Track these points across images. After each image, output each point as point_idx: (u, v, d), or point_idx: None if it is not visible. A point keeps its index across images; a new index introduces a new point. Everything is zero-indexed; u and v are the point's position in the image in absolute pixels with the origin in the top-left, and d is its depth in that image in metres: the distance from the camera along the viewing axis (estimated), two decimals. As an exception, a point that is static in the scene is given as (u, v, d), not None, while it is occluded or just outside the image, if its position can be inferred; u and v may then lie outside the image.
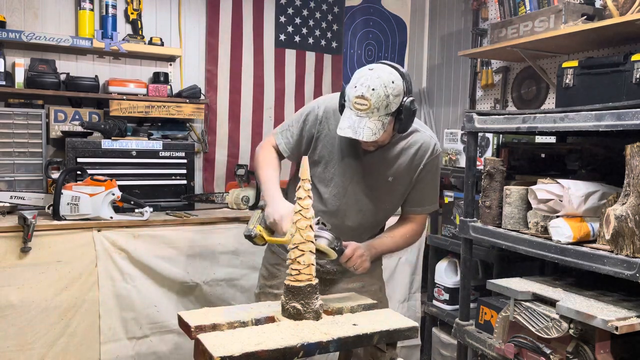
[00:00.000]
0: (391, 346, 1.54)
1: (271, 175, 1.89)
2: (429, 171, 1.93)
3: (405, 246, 2.04)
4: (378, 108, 1.66)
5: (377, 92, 1.64)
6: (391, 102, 1.67)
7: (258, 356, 1.30)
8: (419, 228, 2.01)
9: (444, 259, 3.08)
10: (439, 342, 3.13)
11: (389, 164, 1.89)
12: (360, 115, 1.67)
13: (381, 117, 1.67)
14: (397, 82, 1.68)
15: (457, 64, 3.79)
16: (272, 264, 2.11)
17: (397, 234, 1.98)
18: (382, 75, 1.67)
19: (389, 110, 1.68)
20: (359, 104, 1.66)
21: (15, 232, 2.30)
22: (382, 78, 1.66)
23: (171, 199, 2.91)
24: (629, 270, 1.59)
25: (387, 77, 1.67)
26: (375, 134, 1.67)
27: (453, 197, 2.98)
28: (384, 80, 1.66)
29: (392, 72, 1.70)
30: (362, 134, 1.66)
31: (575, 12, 2.49)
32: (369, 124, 1.67)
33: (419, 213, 2.00)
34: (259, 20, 3.54)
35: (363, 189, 1.92)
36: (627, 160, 1.64)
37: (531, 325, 1.83)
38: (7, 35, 2.72)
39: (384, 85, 1.65)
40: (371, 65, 1.72)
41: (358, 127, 1.67)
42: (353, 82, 1.70)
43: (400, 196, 1.96)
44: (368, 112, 1.66)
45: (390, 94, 1.66)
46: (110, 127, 2.77)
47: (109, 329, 2.49)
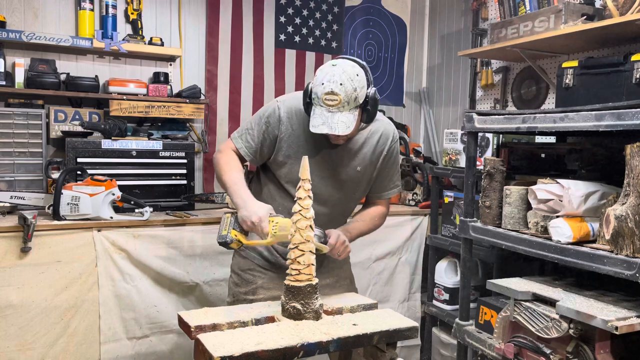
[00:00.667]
0: (391, 346, 1.54)
1: (237, 178, 1.87)
2: (391, 156, 2.01)
3: (375, 228, 2.09)
4: (348, 102, 1.71)
5: (344, 87, 1.70)
6: (359, 95, 1.74)
7: (258, 356, 1.30)
8: (385, 210, 2.10)
9: (444, 259, 3.08)
10: (439, 342, 3.13)
11: (355, 154, 1.94)
12: (332, 110, 1.71)
13: (352, 110, 1.74)
14: (360, 75, 1.75)
15: (457, 64, 3.79)
16: (244, 270, 2.06)
17: (366, 217, 2.06)
18: (346, 69, 1.72)
19: (357, 103, 1.74)
20: (330, 99, 1.70)
21: (15, 232, 2.30)
22: (347, 72, 1.71)
23: (171, 199, 2.91)
24: (629, 270, 1.59)
25: (351, 70, 1.73)
26: (349, 126, 1.73)
27: (453, 197, 2.98)
28: (349, 74, 1.71)
29: (354, 65, 1.76)
30: (337, 128, 1.71)
31: (575, 12, 2.49)
32: (342, 118, 1.72)
33: (385, 198, 2.07)
34: (259, 20, 3.54)
35: (332, 183, 1.94)
36: (627, 160, 1.64)
37: (531, 325, 1.83)
38: (7, 35, 2.72)
39: (350, 79, 1.71)
40: (333, 61, 1.77)
41: (332, 122, 1.71)
42: (319, 80, 1.73)
43: (366, 184, 2.01)
44: (339, 106, 1.71)
45: (357, 87, 1.72)
46: (110, 127, 2.77)
47: (109, 329, 2.49)
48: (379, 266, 3.14)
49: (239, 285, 2.07)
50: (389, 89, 4.05)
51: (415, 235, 3.26)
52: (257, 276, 2.03)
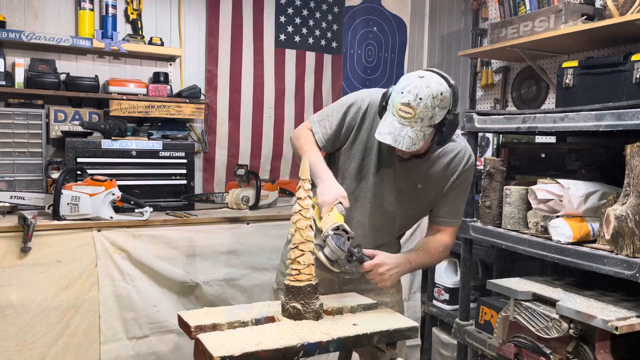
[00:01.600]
0: (391, 346, 1.54)
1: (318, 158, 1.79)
2: (462, 182, 1.85)
3: (438, 261, 1.97)
4: (422, 118, 1.59)
5: (424, 102, 1.57)
6: (436, 114, 1.60)
7: (258, 356, 1.30)
8: (450, 241, 1.91)
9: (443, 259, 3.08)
10: (439, 342, 3.13)
11: (421, 171, 1.82)
12: (403, 123, 1.60)
13: (423, 128, 1.61)
14: (445, 94, 1.61)
15: (457, 64, 3.79)
16: None
17: (431, 248, 1.88)
18: (431, 84, 1.60)
19: (432, 122, 1.61)
20: (404, 111, 1.59)
21: (15, 232, 2.30)
22: (431, 88, 1.59)
23: (171, 199, 2.91)
24: (629, 270, 1.59)
25: (437, 87, 1.60)
26: (416, 144, 1.61)
27: (453, 197, 2.98)
28: (433, 91, 1.59)
29: (442, 83, 1.63)
30: (402, 142, 1.60)
31: (575, 12, 2.49)
32: (410, 133, 1.60)
33: (449, 225, 1.89)
34: (259, 20, 3.54)
35: (392, 192, 1.85)
36: (627, 160, 1.64)
37: (531, 325, 1.83)
38: (7, 35, 2.72)
39: (432, 96, 1.58)
40: (421, 72, 1.64)
41: (399, 135, 1.60)
42: (400, 87, 1.62)
43: (427, 204, 1.89)
44: (411, 121, 1.59)
45: (437, 106, 1.59)
46: (110, 127, 2.77)
47: (109, 329, 2.49)
48: (379, 266, 3.14)
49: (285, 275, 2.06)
50: (389, 89, 4.05)
51: (415, 235, 3.25)
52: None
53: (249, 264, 2.77)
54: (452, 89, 1.64)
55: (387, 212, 1.87)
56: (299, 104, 3.68)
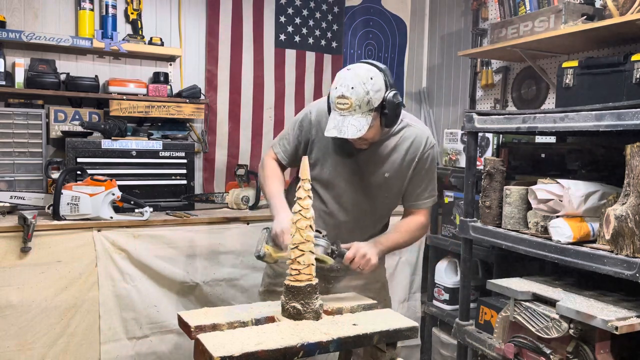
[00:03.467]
0: (391, 346, 1.54)
1: (274, 189, 1.95)
2: (425, 164, 1.95)
3: (413, 240, 2.03)
4: (360, 105, 1.70)
5: (356, 90, 1.69)
6: (372, 98, 1.71)
7: (258, 356, 1.30)
8: (423, 220, 2.02)
9: (444, 259, 3.08)
10: (439, 342, 3.13)
11: (383, 160, 1.92)
12: (344, 114, 1.71)
13: (364, 114, 1.71)
14: (376, 78, 1.72)
15: (457, 64, 3.79)
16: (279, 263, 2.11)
17: (402, 228, 1.99)
18: (359, 72, 1.71)
19: (371, 106, 1.71)
20: (341, 103, 1.70)
21: (15, 232, 2.30)
22: (360, 76, 1.70)
23: (171, 199, 2.91)
24: (629, 270, 1.59)
25: (365, 74, 1.71)
26: (360, 130, 1.70)
27: (453, 197, 2.98)
28: (362, 78, 1.70)
29: (370, 68, 1.74)
30: (346, 132, 1.70)
31: (575, 12, 2.49)
32: (352, 122, 1.70)
33: (420, 207, 2.00)
34: (259, 20, 3.54)
35: (360, 187, 1.94)
36: (627, 160, 1.64)
37: (531, 325, 1.83)
38: (7, 35, 2.72)
39: (363, 83, 1.69)
40: (349, 66, 1.77)
41: (342, 125, 1.71)
42: (334, 84, 1.74)
43: (397, 191, 1.98)
44: (350, 110, 1.70)
45: (370, 90, 1.70)
46: (110, 127, 2.77)
47: (109, 329, 2.49)
48: (379, 266, 3.14)
49: (272, 277, 2.12)
50: (389, 89, 4.05)
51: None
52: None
53: (249, 264, 2.77)
54: (382, 72, 1.75)
55: (364, 207, 1.97)
56: (299, 104, 3.68)
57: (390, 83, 1.76)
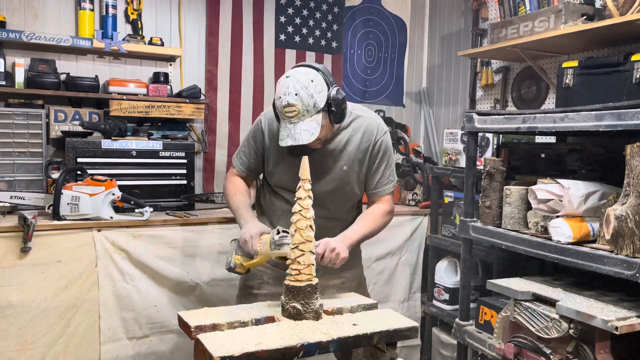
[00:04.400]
0: (391, 346, 1.54)
1: (239, 202, 2.01)
2: (379, 151, 1.98)
3: (381, 227, 2.05)
4: (307, 110, 1.73)
5: (300, 96, 1.72)
6: (317, 100, 1.74)
7: (258, 356, 1.31)
8: (387, 207, 2.05)
9: (444, 259, 3.08)
10: (439, 342, 3.13)
11: (339, 155, 1.95)
12: (293, 121, 1.74)
13: (314, 116, 1.75)
14: (316, 80, 1.75)
15: (457, 64, 3.79)
16: None
17: (367, 218, 2.02)
18: (299, 78, 1.74)
19: (317, 108, 1.75)
20: (288, 111, 1.73)
21: (15, 232, 2.29)
22: (300, 81, 1.73)
23: (171, 199, 2.91)
24: (629, 270, 1.59)
25: (305, 78, 1.74)
26: (313, 134, 1.74)
27: (453, 197, 2.98)
28: (304, 83, 1.73)
29: (309, 71, 1.77)
30: (300, 138, 1.74)
31: (575, 12, 2.49)
32: (304, 127, 1.74)
33: (382, 194, 2.04)
34: (259, 20, 3.54)
35: (322, 185, 1.96)
36: (627, 160, 1.64)
37: (531, 325, 1.83)
38: (7, 35, 2.72)
39: (305, 87, 1.72)
40: (287, 72, 1.79)
41: (295, 133, 1.74)
42: (277, 94, 1.76)
43: (358, 182, 2.01)
44: (299, 116, 1.73)
45: (314, 93, 1.73)
46: (110, 127, 2.77)
47: (109, 329, 2.49)
48: (379, 266, 3.14)
49: (247, 279, 2.13)
50: (389, 89, 4.06)
51: (415, 235, 3.26)
52: (263, 272, 2.09)
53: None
54: (320, 72, 1.78)
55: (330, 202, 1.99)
56: (299, 104, 3.68)
57: (330, 81, 1.79)
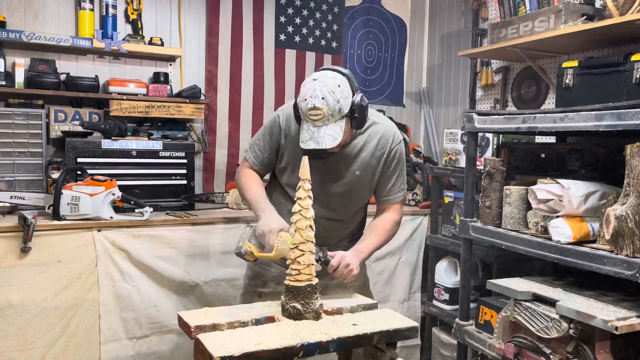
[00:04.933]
0: (391, 346, 1.54)
1: (256, 193, 1.98)
2: (393, 159, 1.98)
3: (390, 238, 2.06)
4: (332, 114, 1.73)
5: (327, 100, 1.71)
6: (343, 105, 1.74)
7: (258, 356, 1.31)
8: (396, 217, 2.05)
9: (444, 259, 3.08)
10: (439, 342, 3.13)
11: (353, 159, 1.95)
12: (318, 125, 1.73)
13: (337, 122, 1.74)
14: (343, 85, 1.75)
15: (457, 64, 3.79)
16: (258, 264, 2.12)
17: (379, 229, 2.01)
18: (327, 82, 1.73)
19: (342, 113, 1.75)
20: (313, 114, 1.72)
21: (15, 232, 2.29)
22: (328, 85, 1.72)
23: (171, 199, 2.91)
24: (629, 270, 1.59)
25: (332, 82, 1.73)
26: (336, 139, 1.74)
27: (453, 197, 2.98)
28: (331, 87, 1.72)
29: (336, 75, 1.76)
30: (324, 142, 1.73)
31: (575, 12, 2.49)
32: (328, 131, 1.73)
33: (392, 202, 2.04)
34: (259, 20, 3.54)
35: (332, 188, 1.96)
36: (627, 160, 1.64)
37: (531, 325, 1.83)
38: (7, 35, 2.72)
39: (332, 92, 1.71)
40: (314, 75, 1.78)
41: (318, 136, 1.73)
42: (302, 95, 1.75)
43: (369, 188, 2.01)
44: (324, 120, 1.73)
45: (340, 98, 1.73)
46: (110, 127, 2.77)
47: (109, 329, 2.49)
48: (379, 266, 3.14)
49: (252, 278, 2.14)
50: (389, 89, 4.05)
51: (415, 235, 3.26)
52: (268, 270, 2.09)
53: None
54: (346, 77, 1.77)
55: (338, 205, 1.99)
56: (299, 104, 3.68)
57: (355, 87, 1.79)
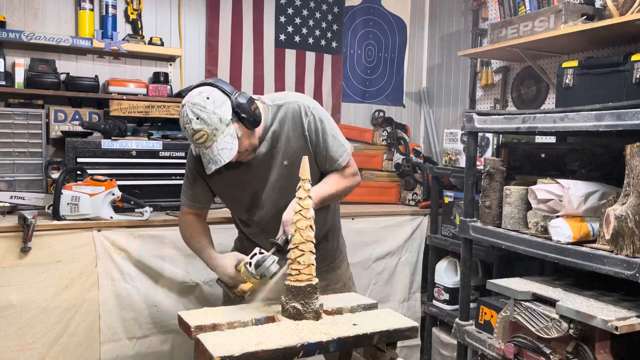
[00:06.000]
0: (391, 346, 1.54)
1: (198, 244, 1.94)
2: (316, 129, 1.83)
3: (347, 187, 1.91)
4: (216, 128, 1.64)
5: (202, 119, 1.63)
6: (221, 114, 1.64)
7: (258, 356, 1.30)
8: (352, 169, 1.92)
9: (444, 259, 3.08)
10: (439, 342, 3.13)
11: (274, 153, 1.84)
12: (208, 145, 1.65)
13: (224, 132, 1.65)
14: (212, 95, 1.65)
15: (457, 64, 3.79)
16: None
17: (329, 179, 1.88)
18: (194, 101, 1.65)
19: (225, 122, 1.65)
20: (198, 138, 1.65)
21: (15, 232, 2.29)
22: (197, 104, 1.64)
23: (171, 199, 2.90)
24: (629, 270, 1.59)
25: (199, 98, 1.65)
26: (232, 149, 1.66)
27: (453, 197, 2.98)
28: (200, 104, 1.64)
29: (202, 90, 1.67)
30: (221, 159, 1.66)
31: (575, 12, 2.49)
32: (220, 146, 1.65)
33: (340, 168, 1.88)
34: (259, 20, 3.54)
35: (271, 190, 1.88)
36: (627, 160, 1.64)
37: (531, 325, 1.83)
38: (7, 35, 2.72)
39: (203, 108, 1.63)
40: (182, 101, 1.69)
41: (214, 156, 1.66)
42: (182, 125, 1.69)
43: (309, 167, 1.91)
44: (210, 139, 1.64)
45: (215, 109, 1.64)
46: (110, 127, 2.77)
47: (109, 329, 2.49)
48: (379, 266, 3.14)
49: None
50: (389, 89, 4.06)
51: (415, 235, 3.26)
52: None
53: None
54: (213, 86, 1.67)
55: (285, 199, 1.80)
56: (299, 104, 3.68)
57: (228, 90, 1.68)
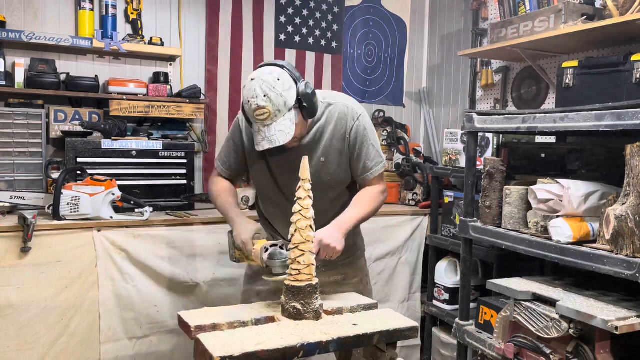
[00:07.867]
0: (391, 346, 1.54)
1: (225, 201, 1.99)
2: (357, 136, 1.90)
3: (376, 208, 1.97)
4: (279, 109, 1.69)
5: (269, 97, 1.67)
6: (287, 98, 1.70)
7: (258, 356, 1.31)
8: (379, 187, 1.98)
9: (444, 259, 3.08)
10: (439, 342, 3.13)
11: (314, 147, 1.90)
12: (267, 123, 1.70)
13: (286, 115, 1.70)
14: (283, 77, 1.71)
15: (457, 64, 3.79)
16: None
17: (358, 201, 1.94)
18: (265, 78, 1.69)
19: (289, 106, 1.71)
20: (260, 114, 1.69)
21: (15, 232, 2.29)
22: (267, 82, 1.69)
23: (171, 199, 2.91)
24: (629, 270, 1.59)
25: (270, 77, 1.70)
26: (289, 133, 1.71)
27: (453, 197, 2.98)
28: (270, 83, 1.68)
29: (273, 70, 1.72)
30: (276, 140, 1.70)
31: (575, 12, 2.49)
32: (278, 128, 1.70)
33: (371, 178, 1.95)
34: (259, 20, 3.54)
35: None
36: (627, 160, 1.64)
37: (531, 325, 1.83)
38: (7, 35, 2.72)
39: (273, 87, 1.68)
40: (252, 74, 1.74)
41: (271, 135, 1.70)
42: (245, 98, 1.73)
43: (341, 170, 1.95)
44: (272, 117, 1.69)
45: (282, 91, 1.69)
46: (110, 127, 2.77)
47: (109, 329, 2.49)
48: (379, 266, 3.14)
49: (251, 277, 2.14)
50: (389, 89, 4.06)
51: (415, 235, 3.26)
52: None
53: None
54: (285, 69, 1.73)
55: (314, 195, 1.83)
56: (299, 104, 3.68)
57: (296, 76, 1.74)
